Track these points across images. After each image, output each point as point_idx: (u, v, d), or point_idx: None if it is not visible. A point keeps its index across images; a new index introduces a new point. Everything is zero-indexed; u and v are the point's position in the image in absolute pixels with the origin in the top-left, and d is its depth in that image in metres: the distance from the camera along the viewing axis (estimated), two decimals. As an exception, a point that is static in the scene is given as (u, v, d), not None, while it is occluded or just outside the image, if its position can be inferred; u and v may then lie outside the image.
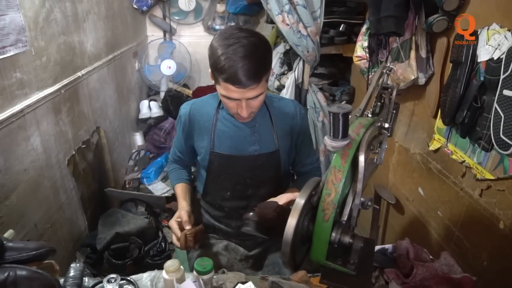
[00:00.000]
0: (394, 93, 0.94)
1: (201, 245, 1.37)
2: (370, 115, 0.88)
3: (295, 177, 1.50)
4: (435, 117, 1.47)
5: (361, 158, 0.72)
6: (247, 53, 1.02)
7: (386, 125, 0.83)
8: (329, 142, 0.72)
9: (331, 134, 0.72)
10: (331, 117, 0.70)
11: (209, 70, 1.13)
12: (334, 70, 2.40)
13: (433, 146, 1.48)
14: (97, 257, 1.72)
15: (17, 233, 1.29)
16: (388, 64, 0.93)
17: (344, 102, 2.39)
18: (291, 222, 0.69)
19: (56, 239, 1.60)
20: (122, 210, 1.94)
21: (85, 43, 1.97)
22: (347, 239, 0.72)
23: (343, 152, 0.72)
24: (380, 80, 0.94)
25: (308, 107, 2.24)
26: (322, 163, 2.25)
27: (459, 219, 1.34)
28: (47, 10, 1.55)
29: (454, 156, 1.35)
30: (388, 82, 1.65)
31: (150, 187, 2.54)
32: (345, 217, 0.75)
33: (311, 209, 0.74)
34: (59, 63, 1.66)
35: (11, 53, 1.29)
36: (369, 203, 0.78)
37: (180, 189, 1.32)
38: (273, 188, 1.35)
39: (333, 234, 0.72)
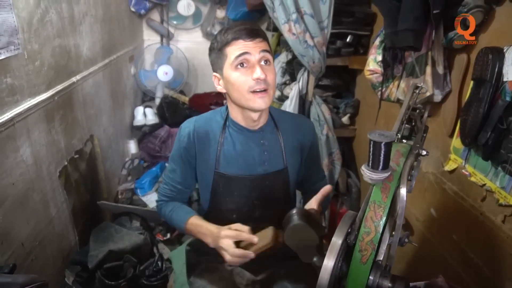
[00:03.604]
0: (426, 115, 0.86)
1: (205, 269, 1.28)
2: (404, 140, 0.80)
3: (304, 195, 1.42)
4: (451, 136, 1.41)
5: (403, 192, 0.64)
6: (244, 22, 1.13)
7: (424, 153, 0.75)
8: (368, 173, 0.64)
9: (370, 165, 0.64)
10: (371, 145, 0.62)
11: (213, 74, 1.13)
12: (338, 81, 2.34)
13: (449, 166, 1.41)
14: (88, 276, 1.60)
15: (1, 254, 1.18)
16: (421, 84, 0.86)
17: (348, 115, 2.33)
18: (328, 264, 0.60)
19: (44, 256, 1.48)
20: (115, 225, 1.83)
21: (81, 46, 1.87)
22: (386, 284, 0.63)
23: (383, 185, 0.64)
24: (411, 102, 0.87)
25: (312, 119, 2.17)
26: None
27: (479, 244, 1.27)
28: (42, 11, 1.45)
29: (473, 179, 1.29)
30: (400, 97, 1.58)
31: (144, 199, 2.42)
32: (381, 256, 0.67)
33: (345, 247, 0.66)
34: (53, 68, 1.55)
35: (2, 57, 1.18)
36: (406, 240, 0.70)
37: (198, 219, 1.17)
38: (282, 209, 1.27)
39: (371, 278, 0.63)
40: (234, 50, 1.04)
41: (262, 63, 1.05)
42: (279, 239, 1.01)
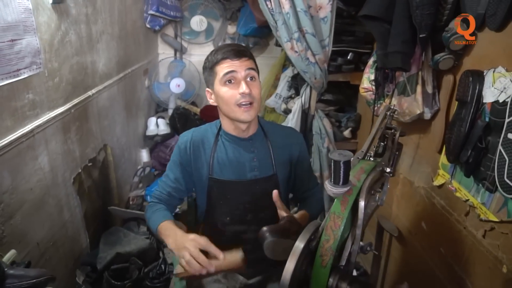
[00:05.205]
0: (398, 135, 0.94)
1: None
2: (372, 157, 0.88)
3: (299, 203, 1.51)
4: (440, 152, 1.47)
5: (361, 204, 0.73)
6: (232, 44, 1.28)
7: (388, 170, 0.83)
8: (329, 187, 0.73)
9: (332, 180, 0.73)
10: (332, 163, 0.71)
11: (206, 89, 1.26)
12: (341, 96, 2.42)
13: (437, 181, 1.47)
14: (97, 277, 1.72)
15: (18, 253, 1.30)
16: (392, 106, 0.94)
17: (349, 129, 2.40)
18: (289, 266, 0.69)
19: (57, 257, 1.61)
20: (124, 229, 1.95)
21: (97, 62, 2.02)
22: (344, 286, 0.72)
23: (343, 198, 0.73)
24: (382, 124, 0.95)
25: (313, 132, 2.25)
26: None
27: (462, 258, 1.32)
28: (62, 32, 1.60)
29: (458, 194, 1.35)
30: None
31: (153, 205, 2.54)
32: (343, 262, 0.76)
33: (309, 253, 0.74)
34: (70, 83, 1.69)
35: (25, 75, 1.33)
36: (368, 248, 0.78)
37: (171, 223, 1.20)
38: (273, 213, 1.35)
39: (331, 280, 0.72)
40: (222, 68, 1.16)
41: (248, 79, 1.18)
42: (245, 264, 1.08)
